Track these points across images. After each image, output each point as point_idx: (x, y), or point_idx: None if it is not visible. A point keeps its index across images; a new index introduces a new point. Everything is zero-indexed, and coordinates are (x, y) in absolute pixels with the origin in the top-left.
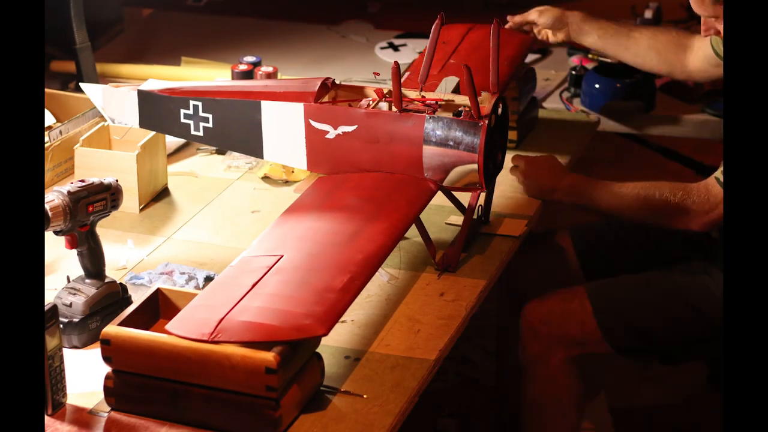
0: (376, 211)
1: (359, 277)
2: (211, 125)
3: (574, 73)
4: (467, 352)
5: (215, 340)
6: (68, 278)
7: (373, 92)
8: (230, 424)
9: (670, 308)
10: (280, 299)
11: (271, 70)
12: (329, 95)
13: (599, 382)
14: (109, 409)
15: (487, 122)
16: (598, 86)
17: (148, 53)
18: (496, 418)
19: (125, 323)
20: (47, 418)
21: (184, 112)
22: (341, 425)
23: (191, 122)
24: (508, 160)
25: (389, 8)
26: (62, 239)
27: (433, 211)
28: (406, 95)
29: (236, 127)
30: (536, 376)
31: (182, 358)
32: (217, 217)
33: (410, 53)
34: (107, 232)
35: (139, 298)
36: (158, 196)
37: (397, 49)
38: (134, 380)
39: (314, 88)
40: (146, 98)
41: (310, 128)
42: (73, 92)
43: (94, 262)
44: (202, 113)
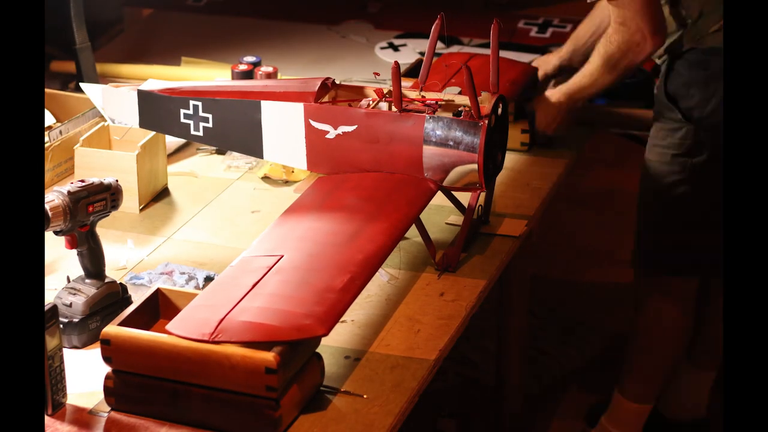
0: (376, 211)
1: (359, 277)
2: (211, 125)
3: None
4: (467, 352)
5: (216, 340)
6: (68, 278)
7: (373, 92)
8: (230, 424)
9: None
10: (280, 299)
11: (271, 70)
12: (329, 95)
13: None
14: (109, 409)
15: (487, 122)
16: None
17: (148, 53)
18: (496, 418)
19: (125, 323)
20: (47, 418)
21: (184, 112)
22: (341, 425)
23: (191, 122)
24: (508, 160)
25: (389, 8)
26: (62, 239)
27: (433, 211)
28: (406, 95)
29: (236, 127)
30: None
31: (182, 358)
32: (217, 217)
33: (410, 53)
34: (107, 232)
35: (139, 298)
36: (158, 196)
37: (397, 49)
38: (134, 380)
39: (314, 88)
40: (146, 98)
41: (310, 128)
42: (73, 92)
43: (94, 262)
44: (202, 113)
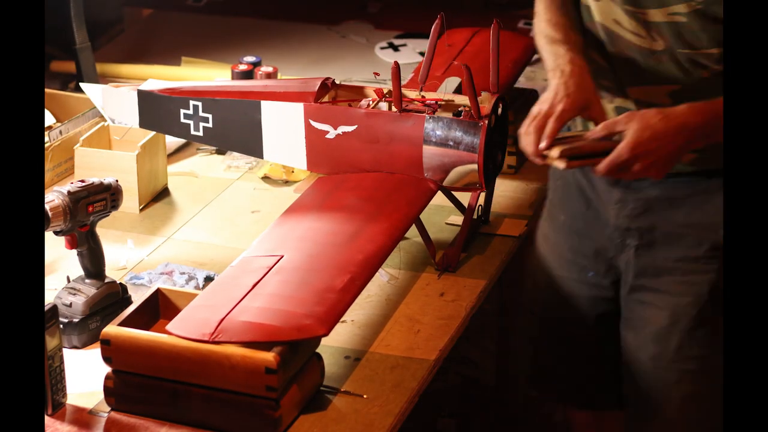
0: (376, 211)
1: (359, 277)
2: (210, 125)
3: None
4: (467, 352)
5: (216, 340)
6: (68, 278)
7: (372, 92)
8: (230, 424)
9: None
10: (280, 299)
11: (271, 70)
12: (329, 95)
13: None
14: (109, 409)
15: (487, 122)
16: None
17: (148, 53)
18: (496, 418)
19: (125, 323)
20: (47, 418)
21: (184, 112)
22: (341, 425)
23: (191, 122)
24: (507, 161)
25: (389, 8)
26: (62, 239)
27: (433, 211)
28: (405, 95)
29: (236, 127)
30: None
31: (182, 358)
32: (217, 217)
33: (410, 53)
34: (107, 232)
35: (139, 298)
36: (158, 196)
37: (397, 49)
38: (134, 380)
39: (314, 88)
40: (146, 98)
41: (310, 128)
42: (73, 92)
43: (94, 262)
44: (201, 113)
